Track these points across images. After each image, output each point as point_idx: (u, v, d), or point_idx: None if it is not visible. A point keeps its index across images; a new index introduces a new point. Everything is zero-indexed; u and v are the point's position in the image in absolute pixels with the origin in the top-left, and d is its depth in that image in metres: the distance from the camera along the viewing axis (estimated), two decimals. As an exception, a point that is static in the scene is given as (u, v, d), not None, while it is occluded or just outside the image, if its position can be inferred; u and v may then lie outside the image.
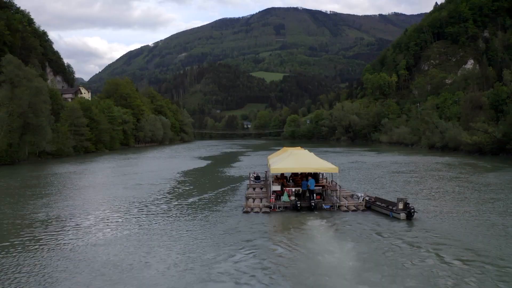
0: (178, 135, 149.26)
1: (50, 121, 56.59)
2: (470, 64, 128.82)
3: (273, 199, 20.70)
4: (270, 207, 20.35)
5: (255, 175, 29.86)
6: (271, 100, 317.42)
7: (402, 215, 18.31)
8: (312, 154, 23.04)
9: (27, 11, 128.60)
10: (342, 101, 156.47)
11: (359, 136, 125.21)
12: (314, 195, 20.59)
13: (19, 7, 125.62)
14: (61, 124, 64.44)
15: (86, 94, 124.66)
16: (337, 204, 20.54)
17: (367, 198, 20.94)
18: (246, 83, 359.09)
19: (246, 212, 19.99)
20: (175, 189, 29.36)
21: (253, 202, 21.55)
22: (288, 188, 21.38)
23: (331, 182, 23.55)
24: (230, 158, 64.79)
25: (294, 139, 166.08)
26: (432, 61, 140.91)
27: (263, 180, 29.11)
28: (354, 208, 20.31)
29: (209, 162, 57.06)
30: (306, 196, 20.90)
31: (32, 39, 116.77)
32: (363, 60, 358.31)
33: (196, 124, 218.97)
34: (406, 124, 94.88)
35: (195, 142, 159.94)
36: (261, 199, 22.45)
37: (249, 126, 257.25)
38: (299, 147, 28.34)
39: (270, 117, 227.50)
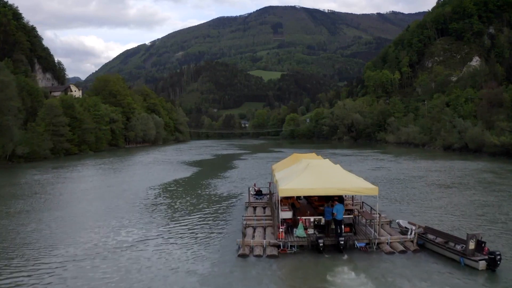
0: (172, 134, 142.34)
1: (18, 119, 49.54)
2: (475, 61, 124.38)
3: (283, 234, 14.23)
4: (279, 247, 13.94)
5: (256, 189, 23.37)
6: (269, 98, 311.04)
7: (482, 264, 12.04)
8: (338, 166, 16.17)
9: (15, 5, 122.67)
10: (342, 99, 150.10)
11: (363, 136, 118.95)
12: (343, 227, 14.12)
13: (7, 1, 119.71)
14: (37, 123, 57.49)
15: (76, 92, 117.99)
16: (376, 241, 14.13)
17: (419, 231, 14.40)
18: (243, 82, 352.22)
19: (243, 255, 13.44)
20: (135, 218, 20.03)
21: (253, 236, 15.10)
22: (304, 218, 14.81)
23: (362, 207, 17.04)
24: (223, 164, 55.05)
25: (294, 138, 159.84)
26: (436, 58, 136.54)
27: (266, 195, 22.76)
28: (401, 247, 13.88)
29: (198, 169, 47.02)
30: (331, 229, 14.41)
31: (18, 34, 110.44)
32: (361, 59, 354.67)
33: (192, 123, 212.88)
34: (414, 123, 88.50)
35: (190, 142, 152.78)
36: (264, 228, 16.05)
37: (246, 125, 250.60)
38: (314, 154, 21.57)
39: (268, 116, 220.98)
